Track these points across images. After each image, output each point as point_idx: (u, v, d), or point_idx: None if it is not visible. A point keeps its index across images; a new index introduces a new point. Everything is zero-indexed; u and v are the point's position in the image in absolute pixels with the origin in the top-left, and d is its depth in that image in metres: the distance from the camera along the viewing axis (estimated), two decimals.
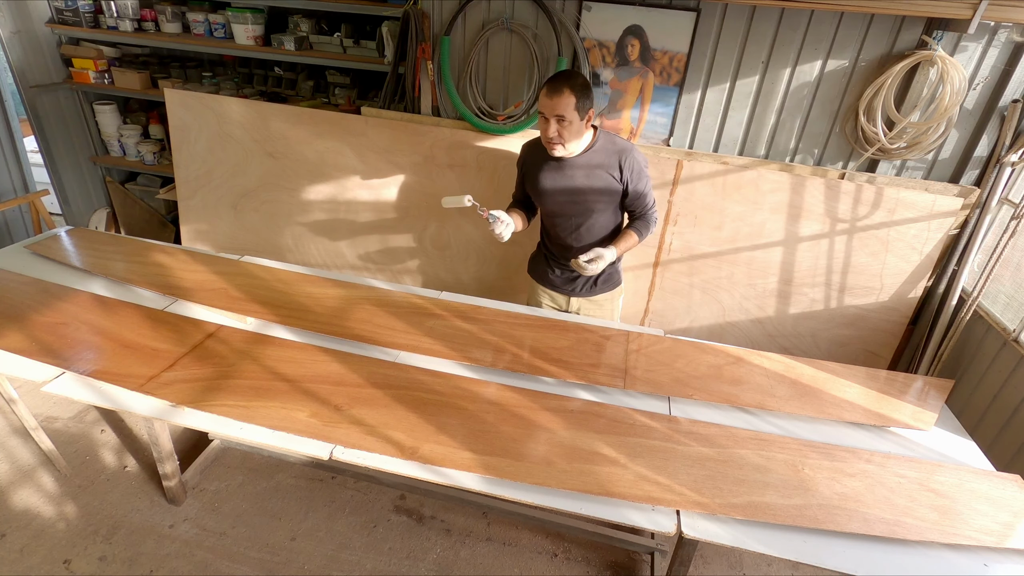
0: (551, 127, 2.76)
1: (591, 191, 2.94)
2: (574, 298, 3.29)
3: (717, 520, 1.97)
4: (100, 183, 5.55)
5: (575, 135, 2.80)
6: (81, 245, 3.43)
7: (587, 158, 2.91)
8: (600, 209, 3.00)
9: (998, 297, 3.41)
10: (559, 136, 2.77)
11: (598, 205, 2.98)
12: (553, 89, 2.70)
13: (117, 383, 2.32)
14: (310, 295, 3.05)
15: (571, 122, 2.73)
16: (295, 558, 2.98)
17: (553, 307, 3.35)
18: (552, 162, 2.95)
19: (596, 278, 3.21)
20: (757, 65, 3.54)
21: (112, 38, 4.93)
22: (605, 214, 3.03)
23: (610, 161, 2.91)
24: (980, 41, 3.23)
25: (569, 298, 3.30)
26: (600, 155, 2.91)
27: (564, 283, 3.26)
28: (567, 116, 2.71)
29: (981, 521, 2.03)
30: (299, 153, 4.28)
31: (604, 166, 2.91)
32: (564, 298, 3.31)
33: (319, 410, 2.26)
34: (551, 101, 2.70)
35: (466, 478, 2.05)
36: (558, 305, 3.34)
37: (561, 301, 3.32)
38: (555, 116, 2.72)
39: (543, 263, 3.30)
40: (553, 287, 3.30)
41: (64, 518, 3.09)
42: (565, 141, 2.80)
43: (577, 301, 3.29)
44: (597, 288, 3.25)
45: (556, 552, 3.12)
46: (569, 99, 2.68)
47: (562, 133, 2.76)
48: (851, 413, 2.56)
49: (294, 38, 4.50)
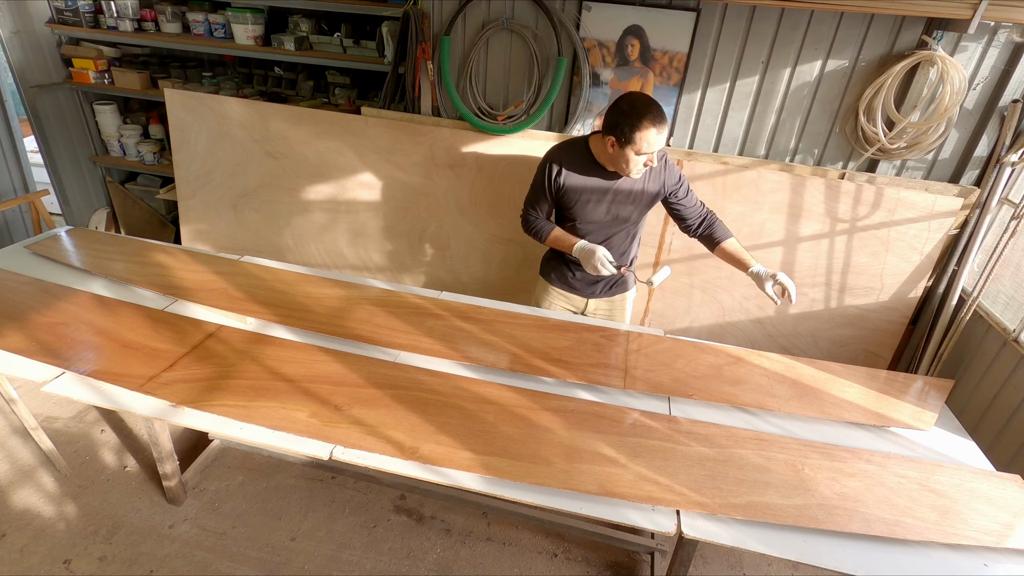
0: (653, 160, 2.68)
1: (634, 208, 2.92)
2: (592, 300, 3.25)
3: (717, 520, 1.97)
4: (100, 183, 5.56)
5: None
6: (81, 245, 3.43)
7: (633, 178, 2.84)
8: (635, 222, 3.00)
9: (998, 297, 3.41)
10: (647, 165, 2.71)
11: (633, 219, 2.97)
12: (663, 124, 2.57)
13: (117, 383, 2.31)
14: (310, 295, 3.05)
15: None
16: (295, 558, 2.98)
17: (569, 309, 3.28)
18: (598, 176, 2.83)
19: (614, 280, 3.18)
20: (757, 65, 3.54)
21: (112, 38, 4.93)
22: (636, 227, 3.04)
23: (655, 184, 2.87)
24: (980, 41, 3.23)
25: (587, 300, 3.25)
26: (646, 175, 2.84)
27: (585, 286, 3.19)
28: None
29: (981, 521, 2.03)
30: (299, 153, 4.28)
31: (651, 190, 2.87)
32: (583, 300, 3.25)
33: (319, 410, 2.26)
34: (661, 137, 2.58)
35: (466, 478, 2.05)
36: (575, 307, 3.28)
37: (579, 303, 3.26)
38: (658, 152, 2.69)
39: (562, 265, 3.18)
40: (573, 290, 3.22)
41: (64, 518, 3.09)
42: None
43: (595, 303, 3.26)
44: (613, 290, 3.22)
45: (556, 552, 3.12)
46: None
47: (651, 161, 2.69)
48: (851, 413, 2.55)
49: (294, 38, 4.49)
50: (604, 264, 2.80)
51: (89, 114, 5.29)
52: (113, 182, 5.53)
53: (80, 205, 5.52)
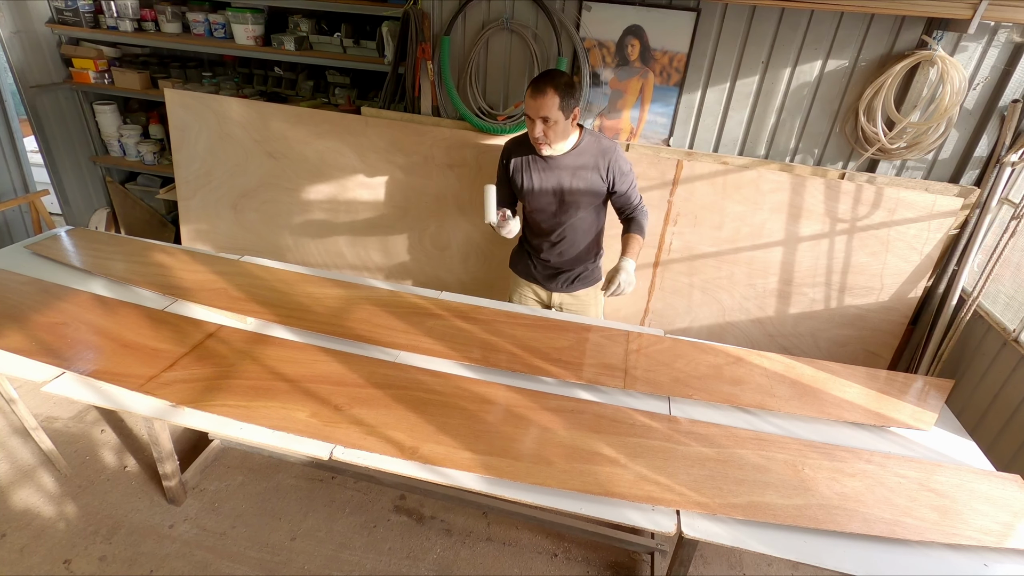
0: (537, 128, 2.78)
1: (576, 191, 2.97)
2: (555, 293, 3.32)
3: (717, 520, 1.97)
4: (100, 183, 5.55)
5: (561, 135, 2.82)
6: (81, 245, 3.43)
7: (573, 158, 2.93)
8: (584, 207, 3.02)
9: (998, 297, 3.41)
10: (545, 136, 2.79)
11: (582, 204, 3.01)
12: (537, 90, 2.71)
13: (117, 383, 2.31)
14: (310, 295, 3.05)
15: (556, 122, 2.75)
16: (295, 558, 2.98)
17: (536, 301, 3.38)
18: (539, 160, 2.97)
19: (575, 275, 3.25)
20: (757, 65, 3.54)
21: (112, 38, 4.93)
22: (588, 212, 3.06)
23: (595, 161, 2.93)
24: (980, 41, 3.23)
25: (551, 293, 3.32)
26: (586, 155, 2.93)
27: (546, 279, 3.29)
28: (551, 116, 2.72)
29: (981, 521, 2.03)
30: (299, 153, 4.27)
31: (589, 166, 2.93)
32: (547, 293, 3.34)
33: (319, 410, 2.26)
34: (535, 102, 2.71)
35: (466, 478, 2.05)
36: (541, 300, 3.38)
37: (544, 296, 3.35)
38: (540, 117, 2.74)
39: (526, 258, 3.32)
40: (535, 281, 3.33)
41: (64, 518, 3.09)
42: (551, 141, 2.82)
43: (559, 296, 3.32)
44: (575, 285, 3.28)
45: (556, 552, 3.12)
46: (553, 99, 2.69)
47: (547, 133, 2.78)
48: (851, 413, 2.55)
49: (294, 38, 4.49)
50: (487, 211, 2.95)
51: (89, 114, 5.29)
52: (113, 182, 5.53)
53: (80, 205, 5.52)
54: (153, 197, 5.43)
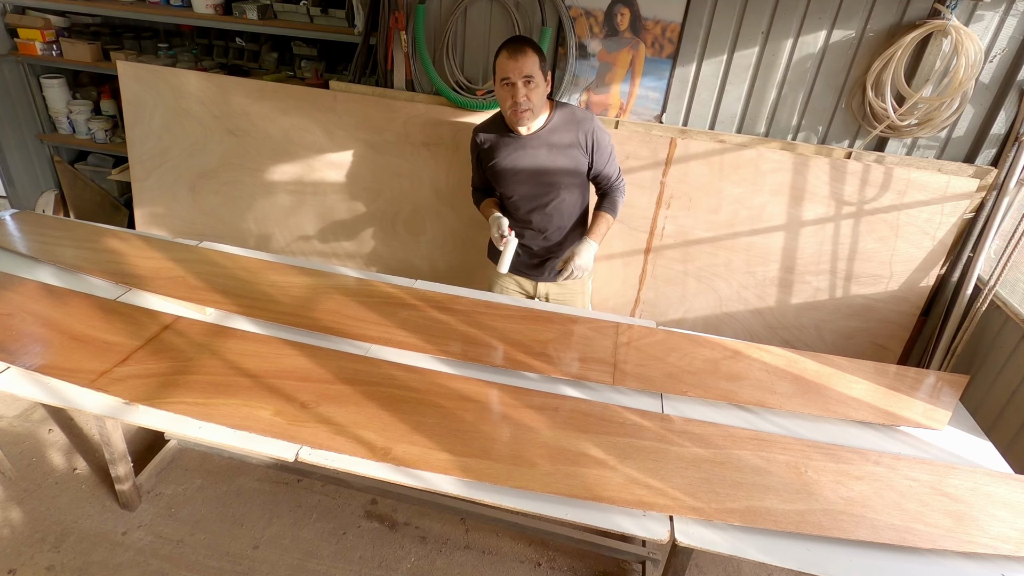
0: (519, 92, 2.75)
1: (556, 170, 2.97)
2: (541, 283, 3.31)
3: (713, 526, 1.96)
4: (48, 163, 5.55)
5: (542, 100, 2.83)
6: (27, 230, 3.41)
7: (547, 134, 2.93)
8: (566, 187, 3.02)
9: (1017, 286, 3.41)
10: (528, 100, 2.77)
11: (564, 183, 3.01)
12: (516, 49, 2.72)
13: (66, 379, 2.30)
14: (274, 284, 3.04)
15: (538, 84, 2.75)
16: (258, 567, 2.97)
17: (520, 292, 3.36)
18: (511, 141, 2.96)
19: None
20: (757, 35, 3.53)
21: (61, 6, 4.92)
22: (572, 192, 3.06)
23: (572, 136, 2.93)
24: (997, 10, 3.22)
25: (536, 283, 3.32)
26: (561, 130, 2.93)
27: (530, 268, 3.28)
28: (535, 76, 2.73)
29: (999, 528, 2.03)
30: (262, 130, 4.26)
31: (567, 141, 2.93)
32: (531, 283, 3.33)
33: (284, 408, 2.25)
34: (516, 62, 2.71)
35: (443, 481, 2.03)
36: (525, 291, 3.36)
37: (528, 287, 3.35)
38: (523, 78, 2.72)
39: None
40: (518, 272, 3.30)
41: (8, 524, 3.07)
42: (535, 106, 2.80)
43: (545, 287, 3.31)
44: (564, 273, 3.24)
45: (540, 561, 3.11)
46: (533, 57, 2.72)
47: (531, 96, 2.77)
48: (858, 411, 2.55)
49: (257, 6, 4.49)
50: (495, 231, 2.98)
51: (36, 89, 5.27)
52: (62, 162, 5.52)
53: (26, 187, 5.52)
54: (105, 178, 5.44)
